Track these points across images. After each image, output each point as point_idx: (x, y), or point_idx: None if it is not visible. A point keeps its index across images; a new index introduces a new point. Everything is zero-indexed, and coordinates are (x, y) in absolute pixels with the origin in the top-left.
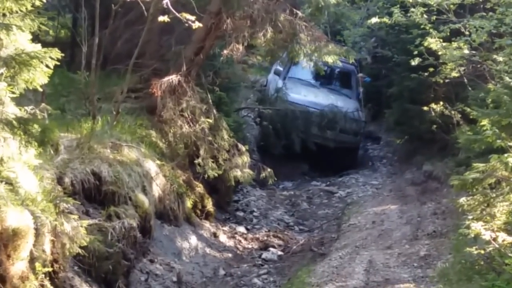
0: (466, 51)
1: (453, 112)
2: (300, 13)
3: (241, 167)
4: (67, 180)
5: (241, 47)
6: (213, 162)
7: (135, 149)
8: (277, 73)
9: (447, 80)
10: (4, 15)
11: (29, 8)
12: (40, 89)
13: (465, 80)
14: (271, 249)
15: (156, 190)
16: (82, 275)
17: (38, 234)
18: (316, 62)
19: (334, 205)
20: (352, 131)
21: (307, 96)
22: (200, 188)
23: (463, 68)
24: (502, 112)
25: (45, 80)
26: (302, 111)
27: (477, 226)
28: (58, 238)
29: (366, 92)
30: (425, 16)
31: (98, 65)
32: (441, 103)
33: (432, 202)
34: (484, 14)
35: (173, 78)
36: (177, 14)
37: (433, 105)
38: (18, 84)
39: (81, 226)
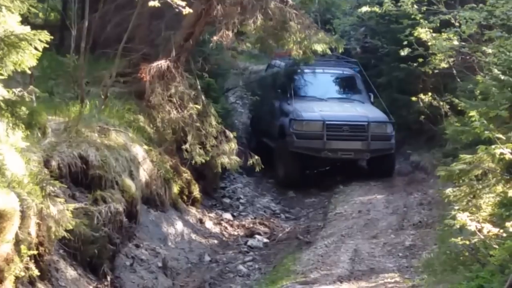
0: (456, 42)
1: (441, 103)
2: (290, 1)
3: (229, 154)
4: (54, 163)
5: (231, 34)
6: (200, 148)
7: (122, 134)
8: (278, 98)
9: (436, 71)
10: None
11: None
12: (29, 72)
13: (454, 71)
14: (257, 236)
15: (143, 175)
16: (67, 258)
17: (24, 216)
18: (305, 51)
19: (320, 193)
20: (385, 135)
21: (323, 110)
22: (187, 174)
23: (452, 59)
24: (490, 104)
25: (33, 62)
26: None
27: (462, 217)
28: (44, 221)
29: None
30: (415, 6)
31: (87, 48)
32: (430, 94)
33: (419, 192)
34: (474, 5)
35: (162, 63)
36: None
37: (421, 96)
38: (6, 66)
39: (67, 210)
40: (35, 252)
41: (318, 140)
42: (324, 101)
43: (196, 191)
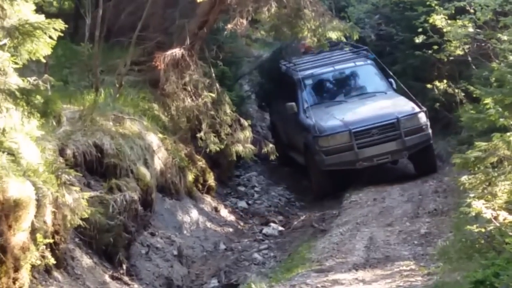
0: (471, 29)
1: (456, 91)
2: None
3: (243, 142)
4: (69, 152)
5: (245, 22)
6: (215, 136)
7: (137, 122)
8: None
9: (451, 58)
10: None
11: None
12: (43, 60)
13: (469, 59)
14: (272, 224)
15: (158, 164)
16: (83, 247)
17: (39, 205)
18: (319, 39)
19: None
20: (419, 127)
21: (346, 116)
22: (201, 162)
23: (467, 46)
24: (505, 91)
25: (48, 51)
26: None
27: (478, 205)
28: (59, 210)
29: None
30: None
31: (102, 37)
32: (445, 81)
33: (434, 180)
34: None
35: (177, 51)
36: None
37: (436, 83)
38: (21, 55)
39: (83, 198)
40: (51, 240)
41: (349, 152)
42: (344, 103)
43: (211, 180)
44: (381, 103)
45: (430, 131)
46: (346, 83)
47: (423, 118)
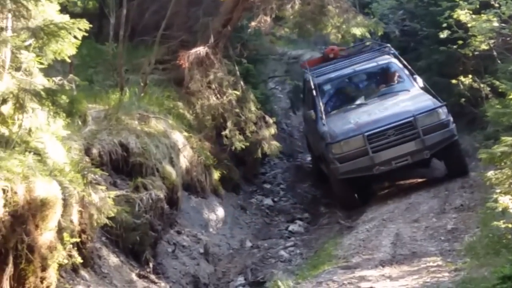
0: (496, 24)
1: (481, 85)
2: None
3: (268, 139)
4: (94, 151)
5: (268, 19)
6: (240, 134)
7: (162, 121)
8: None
9: (476, 53)
10: None
11: None
12: (68, 60)
13: (494, 53)
14: (298, 221)
15: (184, 162)
16: (110, 245)
17: (66, 204)
18: (343, 35)
19: None
20: (439, 124)
21: (360, 119)
22: (227, 160)
23: (492, 41)
24: None
25: (73, 51)
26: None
27: (505, 200)
28: (85, 209)
29: None
30: None
31: (126, 36)
32: (470, 76)
33: (460, 175)
34: None
35: (201, 49)
36: None
37: (461, 78)
38: (46, 55)
39: (109, 197)
40: (78, 239)
41: (364, 157)
42: (364, 105)
43: (236, 177)
44: (400, 101)
45: (453, 126)
46: (367, 85)
47: (443, 113)
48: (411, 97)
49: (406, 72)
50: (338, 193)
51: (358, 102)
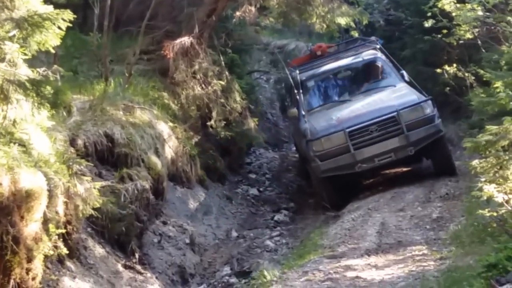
0: (480, 13)
1: (466, 74)
2: None
3: (254, 129)
4: (79, 142)
5: (253, 9)
6: (225, 124)
7: (147, 111)
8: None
9: (460, 42)
10: None
11: None
12: (53, 51)
13: (479, 42)
14: (284, 211)
15: (169, 152)
16: (95, 236)
17: (51, 195)
18: (328, 25)
19: None
20: (424, 119)
21: (342, 116)
22: (212, 150)
23: (477, 29)
24: None
25: (57, 41)
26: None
27: (489, 189)
28: (71, 200)
29: None
30: None
31: (111, 27)
32: (455, 65)
33: None
34: None
35: (186, 40)
36: None
37: (446, 67)
38: (30, 46)
39: (94, 188)
40: (63, 230)
41: (345, 154)
42: (348, 101)
43: (222, 167)
44: (384, 96)
45: (439, 121)
46: (352, 81)
47: (428, 108)
48: (396, 92)
49: (393, 67)
50: (319, 192)
51: (342, 98)
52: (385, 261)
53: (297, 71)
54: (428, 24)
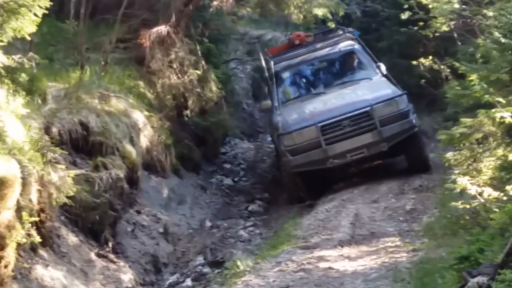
0: (457, 5)
1: (442, 67)
2: None
3: (229, 119)
4: (54, 130)
5: None
6: (201, 113)
7: (123, 100)
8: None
9: (436, 35)
10: None
11: None
12: (28, 38)
13: (455, 35)
14: (258, 201)
15: (144, 141)
16: (69, 225)
17: (25, 183)
18: (305, 15)
19: None
20: (398, 114)
21: (315, 110)
22: (187, 139)
23: (453, 22)
24: (490, 67)
25: (33, 29)
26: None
27: (463, 181)
28: (45, 188)
29: None
30: None
31: (87, 14)
32: (430, 57)
33: None
34: None
35: (162, 29)
36: None
37: (422, 60)
38: (6, 33)
39: (68, 176)
40: (37, 218)
41: (317, 149)
42: (323, 94)
43: (196, 157)
44: (359, 90)
45: (413, 116)
46: (328, 72)
47: (403, 103)
48: (371, 86)
49: (370, 59)
50: (288, 188)
51: (317, 91)
52: (358, 252)
53: (272, 62)
54: (404, 16)
